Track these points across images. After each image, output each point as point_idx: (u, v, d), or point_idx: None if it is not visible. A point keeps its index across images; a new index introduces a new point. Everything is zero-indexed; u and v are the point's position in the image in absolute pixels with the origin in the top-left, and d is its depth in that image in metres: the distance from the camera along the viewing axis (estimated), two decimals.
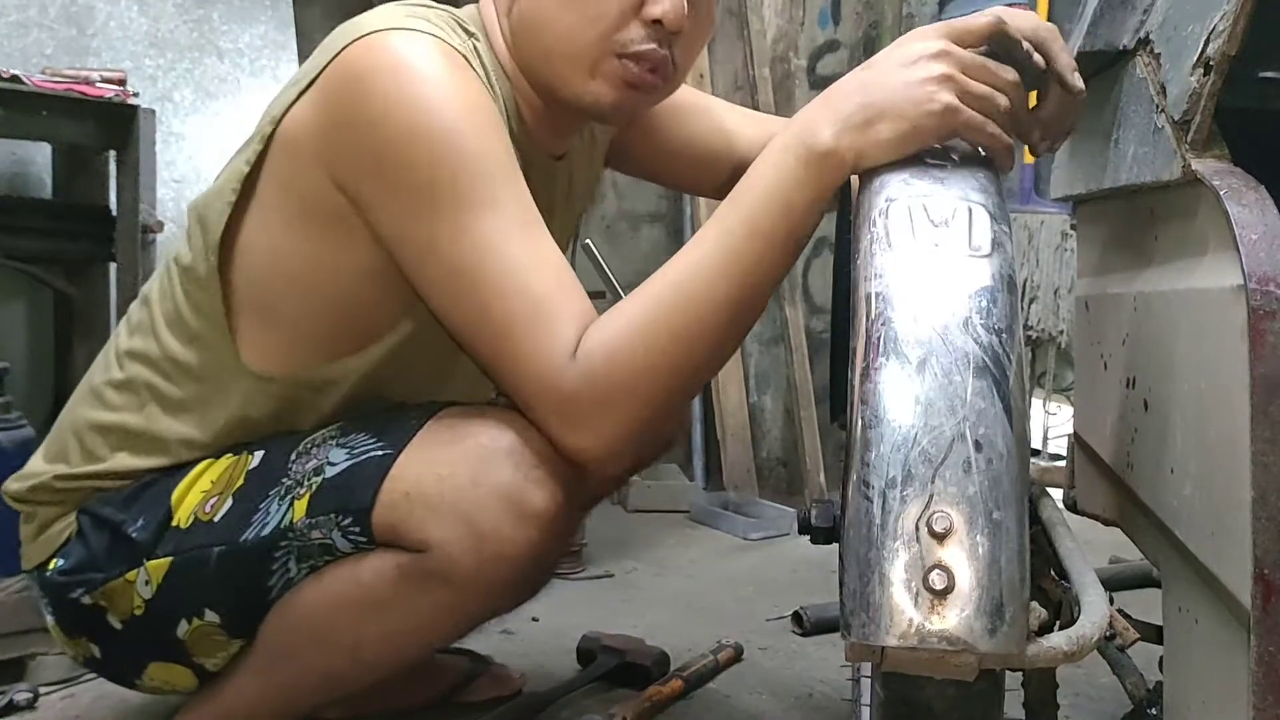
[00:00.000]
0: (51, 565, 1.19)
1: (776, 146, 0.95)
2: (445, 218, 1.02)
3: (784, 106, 3.04)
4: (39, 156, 2.36)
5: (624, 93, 1.12)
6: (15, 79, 1.98)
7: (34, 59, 2.29)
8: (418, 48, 1.04)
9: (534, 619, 1.91)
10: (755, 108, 2.95)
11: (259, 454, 1.16)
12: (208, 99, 2.58)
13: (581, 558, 2.29)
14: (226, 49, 2.58)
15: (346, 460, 1.10)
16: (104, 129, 2.12)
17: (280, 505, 1.10)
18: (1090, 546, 1.51)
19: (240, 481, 1.14)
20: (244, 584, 1.12)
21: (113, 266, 2.22)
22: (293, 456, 1.13)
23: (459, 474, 1.03)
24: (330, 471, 1.10)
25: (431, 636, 1.15)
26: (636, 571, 2.32)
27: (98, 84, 2.12)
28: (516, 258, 1.02)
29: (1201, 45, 0.85)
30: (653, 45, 1.10)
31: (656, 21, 1.08)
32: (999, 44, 0.91)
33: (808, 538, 0.99)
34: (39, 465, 1.23)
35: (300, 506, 1.09)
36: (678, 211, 3.05)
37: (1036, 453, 3.46)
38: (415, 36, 1.05)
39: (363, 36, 1.05)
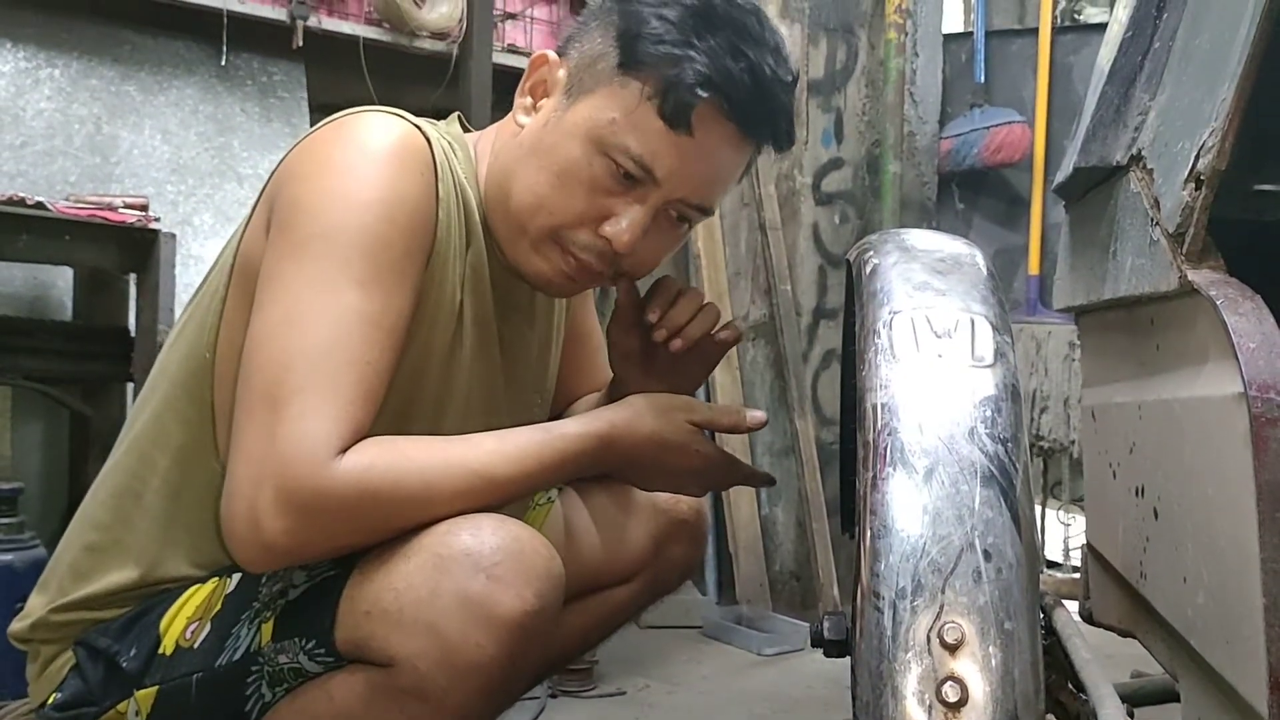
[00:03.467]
0: (50, 700, 1.18)
1: (592, 433, 1.11)
2: (315, 271, 1.03)
3: (789, 223, 3.10)
4: (60, 280, 2.40)
5: (559, 279, 1.16)
6: (40, 205, 2.03)
7: (59, 186, 2.35)
8: (383, 129, 1.08)
9: None
10: (761, 225, 3.02)
11: (236, 577, 1.14)
12: (227, 223, 2.64)
13: (593, 675, 2.26)
14: (246, 174, 2.65)
15: (305, 582, 1.08)
16: (125, 253, 2.17)
17: (249, 629, 1.08)
18: (1112, 661, 1.49)
19: (218, 606, 1.12)
20: (222, 710, 1.09)
21: (129, 386, 2.25)
22: (263, 579, 1.11)
23: (416, 586, 1.00)
24: (292, 594, 1.08)
25: None
26: (649, 689, 2.28)
27: (120, 209, 2.17)
28: (346, 345, 1.02)
29: (1192, 161, 0.87)
30: (592, 258, 1.13)
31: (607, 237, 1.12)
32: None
33: (821, 651, 0.99)
34: (35, 602, 1.22)
35: (266, 630, 1.07)
36: None
37: (1058, 565, 3.43)
38: (391, 120, 1.09)
39: (348, 114, 1.09)
